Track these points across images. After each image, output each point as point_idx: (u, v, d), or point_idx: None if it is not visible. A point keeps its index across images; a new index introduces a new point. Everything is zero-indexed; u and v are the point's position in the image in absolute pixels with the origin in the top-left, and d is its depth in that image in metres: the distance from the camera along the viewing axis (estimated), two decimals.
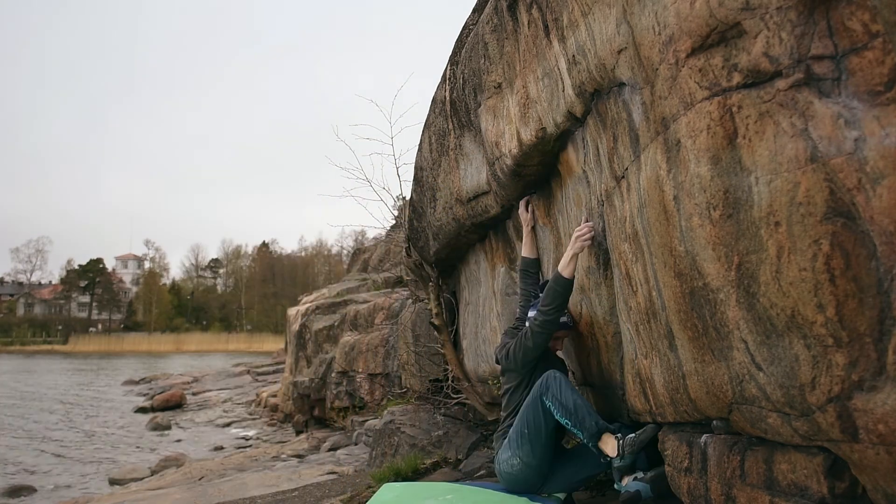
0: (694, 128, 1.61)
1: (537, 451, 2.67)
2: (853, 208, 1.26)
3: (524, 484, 2.78)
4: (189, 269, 72.74)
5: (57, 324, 60.15)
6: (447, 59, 4.13)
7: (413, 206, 5.17)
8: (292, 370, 12.18)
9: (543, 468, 2.73)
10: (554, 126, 2.73)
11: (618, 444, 2.47)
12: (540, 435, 2.65)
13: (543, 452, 2.69)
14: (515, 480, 2.79)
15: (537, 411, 2.63)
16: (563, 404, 2.54)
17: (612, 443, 2.49)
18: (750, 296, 1.52)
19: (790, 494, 1.63)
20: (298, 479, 5.71)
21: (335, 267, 59.35)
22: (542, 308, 2.79)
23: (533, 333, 2.82)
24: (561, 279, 2.73)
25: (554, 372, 2.67)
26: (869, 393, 1.29)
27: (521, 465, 2.71)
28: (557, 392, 2.57)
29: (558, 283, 2.74)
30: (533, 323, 2.83)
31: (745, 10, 1.41)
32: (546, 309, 2.77)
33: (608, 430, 2.51)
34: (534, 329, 2.82)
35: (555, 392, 2.57)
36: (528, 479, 2.75)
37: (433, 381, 5.98)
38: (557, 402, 2.55)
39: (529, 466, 2.70)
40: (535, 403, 2.64)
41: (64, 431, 13.35)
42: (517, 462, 2.71)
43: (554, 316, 2.79)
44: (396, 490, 3.24)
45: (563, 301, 2.77)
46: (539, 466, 2.71)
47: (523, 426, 2.69)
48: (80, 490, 8.43)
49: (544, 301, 2.78)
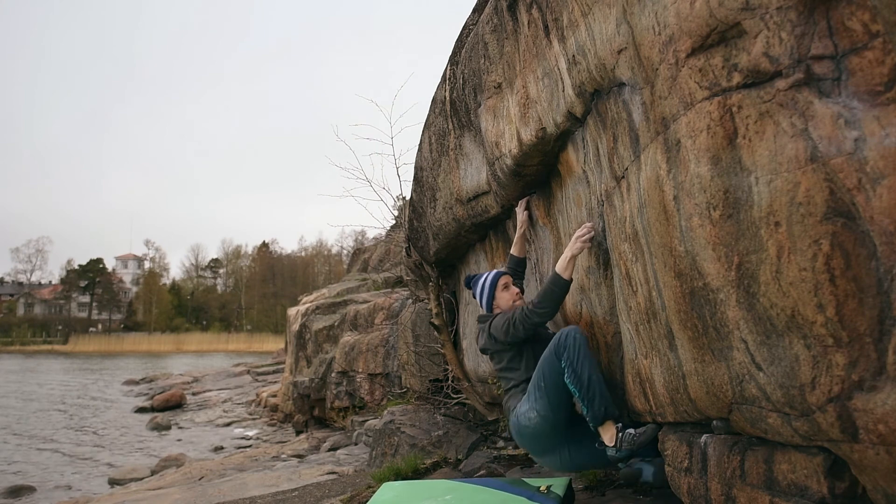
0: (694, 128, 1.61)
1: (553, 404, 2.61)
2: (853, 208, 1.27)
3: (542, 439, 2.73)
4: (189, 269, 72.77)
5: (57, 324, 60.15)
6: (447, 59, 4.14)
7: (413, 206, 5.17)
8: (292, 370, 12.18)
9: (560, 424, 2.68)
10: (554, 126, 2.73)
11: (617, 435, 2.47)
12: (557, 389, 2.59)
13: (560, 406, 2.63)
14: (533, 435, 2.74)
15: (553, 366, 2.57)
16: (577, 374, 2.48)
17: (612, 432, 2.49)
18: (750, 296, 1.52)
19: (790, 494, 1.63)
20: (298, 479, 5.71)
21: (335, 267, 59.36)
22: (536, 308, 2.76)
23: (524, 326, 2.80)
24: (559, 280, 2.71)
25: (574, 331, 2.56)
26: (869, 393, 1.29)
27: (538, 418, 2.66)
28: (574, 358, 2.49)
29: (556, 285, 2.72)
30: (524, 315, 2.80)
31: (745, 10, 1.41)
32: (541, 310, 2.75)
33: (613, 418, 2.50)
34: (525, 322, 2.79)
35: (571, 357, 2.50)
36: (546, 434, 2.70)
37: (433, 381, 5.98)
38: (571, 368, 2.49)
39: (546, 420, 2.65)
40: (551, 358, 2.58)
41: (64, 431, 13.35)
42: (534, 415, 2.66)
43: (547, 316, 2.78)
44: (396, 489, 3.24)
45: (559, 303, 2.76)
46: (556, 421, 2.65)
47: (540, 379, 2.64)
48: (80, 490, 8.43)
49: (540, 301, 2.76)
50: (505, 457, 4.03)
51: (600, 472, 3.14)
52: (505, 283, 3.14)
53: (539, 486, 2.82)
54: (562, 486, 2.79)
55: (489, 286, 3.14)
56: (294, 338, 12.23)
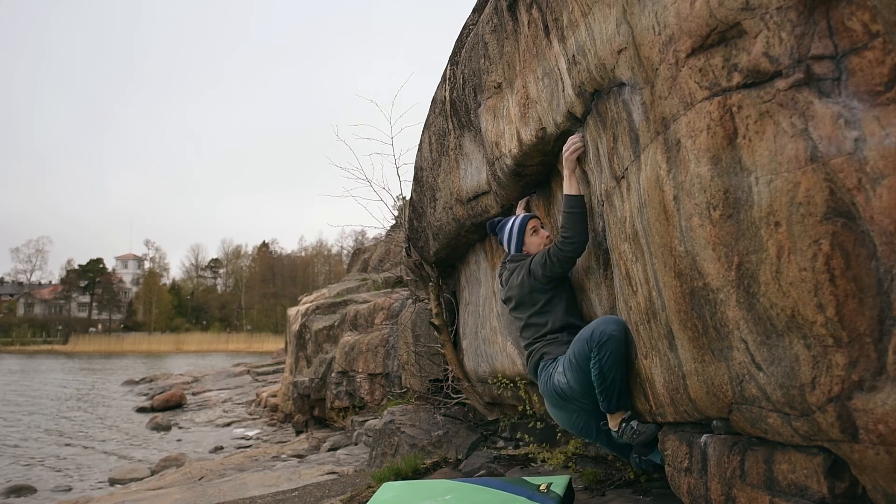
0: (694, 128, 1.61)
1: (581, 382, 2.61)
2: (853, 208, 1.27)
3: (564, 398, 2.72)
4: (189, 269, 72.81)
5: (57, 324, 60.16)
6: (447, 59, 4.14)
7: (413, 206, 5.17)
8: (292, 370, 12.18)
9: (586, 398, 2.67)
10: (554, 126, 2.74)
11: (621, 424, 2.52)
12: (586, 373, 2.57)
13: (585, 386, 2.62)
14: (559, 394, 2.72)
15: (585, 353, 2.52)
16: (603, 372, 2.46)
17: (618, 419, 2.54)
18: (750, 296, 1.52)
19: (790, 494, 1.63)
20: (298, 479, 5.71)
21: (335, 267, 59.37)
22: (565, 237, 2.71)
23: (558, 260, 2.76)
24: (572, 199, 2.69)
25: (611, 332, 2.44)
26: (869, 393, 1.29)
27: (567, 385, 2.66)
28: (604, 358, 2.44)
29: (573, 206, 2.68)
30: (556, 249, 2.76)
31: (745, 10, 1.42)
32: (570, 238, 2.70)
33: (623, 410, 2.54)
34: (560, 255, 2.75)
35: (602, 356, 2.44)
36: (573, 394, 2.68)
37: (433, 381, 5.98)
38: (599, 366, 2.45)
39: (574, 391, 2.66)
40: (583, 345, 2.52)
41: (64, 431, 13.35)
42: (565, 380, 2.67)
43: (579, 244, 2.72)
44: (396, 489, 3.24)
45: (584, 225, 2.70)
46: (583, 393, 2.64)
47: (573, 355, 2.61)
48: (80, 490, 8.43)
49: (565, 228, 2.70)
50: (505, 457, 4.03)
51: (600, 471, 3.14)
52: (534, 227, 3.08)
53: (539, 485, 2.82)
54: (562, 485, 2.79)
55: (518, 230, 3.09)
56: (294, 338, 12.23)
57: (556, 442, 3.84)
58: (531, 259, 2.94)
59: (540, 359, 2.85)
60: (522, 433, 4.28)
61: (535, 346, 2.90)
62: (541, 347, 2.86)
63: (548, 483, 2.83)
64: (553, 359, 2.78)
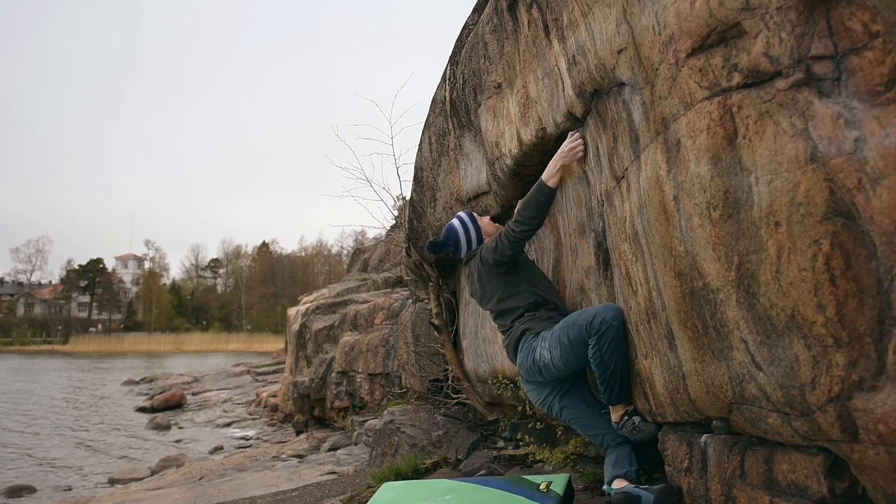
0: (694, 128, 1.61)
1: (566, 361, 2.60)
2: (853, 208, 1.27)
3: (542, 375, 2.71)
4: (189, 269, 72.78)
5: (57, 324, 60.14)
6: (447, 59, 4.14)
7: (413, 206, 5.17)
8: (292, 370, 12.17)
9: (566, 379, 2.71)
10: (554, 126, 2.73)
11: (622, 417, 2.50)
12: (577, 356, 2.56)
13: (571, 366, 2.63)
14: (538, 369, 2.70)
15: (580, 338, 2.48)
16: (604, 361, 2.42)
17: (620, 411, 2.52)
18: (750, 296, 1.52)
19: (790, 494, 1.63)
20: (298, 479, 5.71)
21: (335, 267, 59.35)
22: (519, 217, 2.73)
23: (509, 241, 2.77)
24: (545, 189, 2.71)
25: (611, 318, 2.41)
26: (869, 393, 1.29)
27: (550, 362, 2.64)
28: (605, 346, 2.40)
29: (542, 194, 2.71)
30: (508, 230, 2.77)
31: (745, 10, 1.42)
32: (524, 219, 2.72)
33: (625, 402, 2.51)
34: (510, 236, 2.76)
35: (602, 344, 2.41)
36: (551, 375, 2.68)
37: (433, 381, 5.97)
38: (600, 354, 2.41)
39: (557, 368, 2.64)
40: (579, 329, 2.48)
41: (64, 431, 13.35)
42: (549, 357, 2.63)
43: (532, 227, 2.75)
44: (396, 489, 3.24)
45: (543, 212, 2.75)
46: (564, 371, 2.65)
47: (564, 336, 2.56)
48: (80, 490, 8.43)
49: (524, 209, 2.73)
50: (505, 457, 4.03)
51: (600, 471, 3.14)
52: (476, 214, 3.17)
53: (539, 484, 2.82)
54: (561, 484, 2.78)
55: (470, 221, 3.16)
56: (294, 338, 12.23)
57: (556, 442, 3.84)
58: (481, 249, 2.97)
59: (521, 335, 2.80)
60: (522, 433, 4.28)
61: (514, 326, 2.87)
62: (520, 325, 2.83)
63: (547, 482, 2.83)
64: (535, 333, 2.75)
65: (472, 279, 3.08)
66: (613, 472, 2.50)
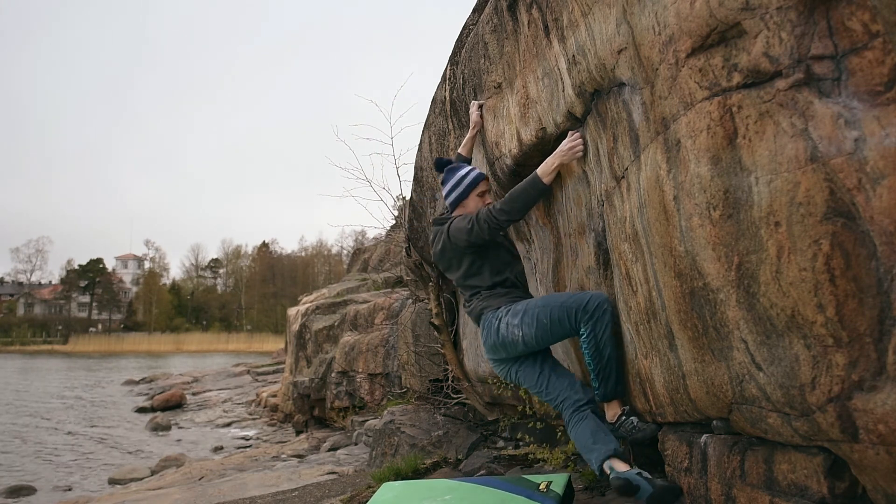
0: (694, 128, 1.61)
1: (541, 341, 2.58)
2: (853, 208, 1.27)
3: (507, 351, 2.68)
4: (189, 269, 72.78)
5: (57, 324, 60.15)
6: (447, 59, 4.14)
7: (413, 206, 5.17)
8: (292, 370, 12.18)
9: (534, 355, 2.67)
10: (554, 126, 2.73)
11: (620, 417, 2.45)
12: (554, 336, 2.54)
13: (541, 345, 2.61)
14: (503, 344, 2.67)
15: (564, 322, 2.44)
16: (599, 349, 2.37)
17: (615, 411, 2.47)
18: (750, 296, 1.52)
19: (790, 494, 1.63)
20: (298, 479, 5.71)
21: (335, 267, 59.36)
22: (505, 206, 2.66)
23: (489, 226, 2.68)
24: (539, 184, 2.66)
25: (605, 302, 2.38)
26: (869, 393, 1.29)
27: (520, 339, 2.60)
28: (600, 331, 2.36)
29: (535, 188, 2.66)
30: (489, 214, 2.68)
31: (745, 10, 1.42)
32: (509, 208, 2.65)
33: (621, 398, 2.48)
34: (491, 221, 2.68)
35: (597, 329, 2.36)
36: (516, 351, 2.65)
37: (433, 381, 5.98)
38: (594, 341, 2.36)
39: (527, 345, 2.61)
40: (566, 313, 2.43)
41: (64, 431, 13.35)
42: (518, 334, 2.59)
43: (515, 217, 2.70)
44: (396, 489, 3.24)
45: (529, 206, 2.70)
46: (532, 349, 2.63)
47: (545, 316, 2.51)
48: (80, 490, 8.43)
49: (511, 199, 2.66)
50: (505, 457, 4.03)
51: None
52: (484, 189, 2.93)
53: (539, 484, 2.82)
54: (561, 483, 2.78)
55: (468, 183, 2.91)
56: (294, 338, 12.23)
57: (556, 442, 3.84)
58: (450, 223, 2.84)
59: (481, 312, 2.79)
60: (522, 433, 4.28)
61: (473, 303, 2.86)
62: (479, 302, 2.82)
63: (547, 482, 2.83)
64: (494, 309, 2.72)
65: (436, 247, 2.96)
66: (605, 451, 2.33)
